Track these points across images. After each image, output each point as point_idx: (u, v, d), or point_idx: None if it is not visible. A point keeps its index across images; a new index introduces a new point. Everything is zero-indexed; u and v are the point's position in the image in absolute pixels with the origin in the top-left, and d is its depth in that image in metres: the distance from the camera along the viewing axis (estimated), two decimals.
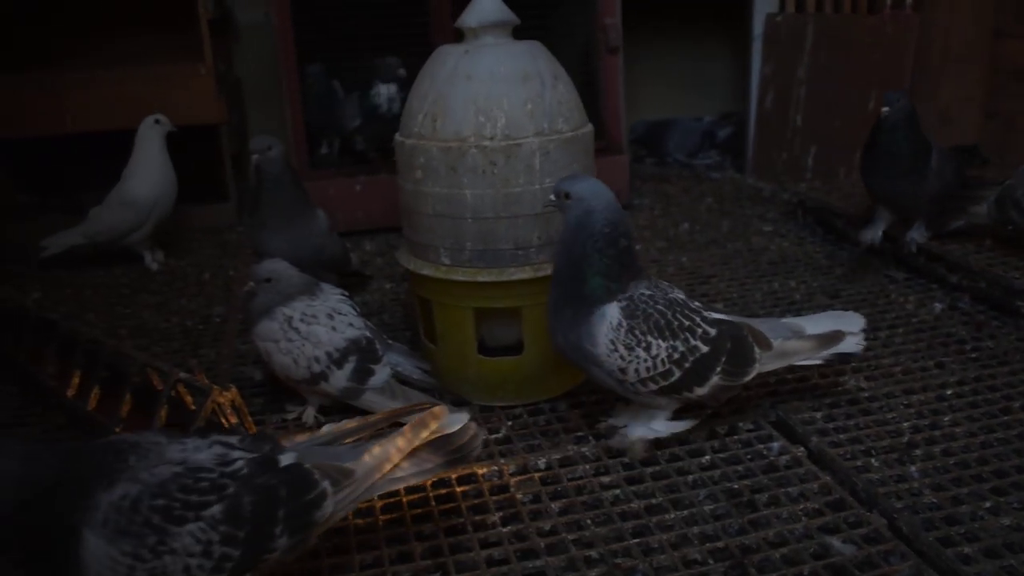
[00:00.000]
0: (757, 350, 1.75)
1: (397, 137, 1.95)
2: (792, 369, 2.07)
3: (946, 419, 1.87)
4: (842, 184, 3.44)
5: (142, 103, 3.41)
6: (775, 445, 1.79)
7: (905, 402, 1.94)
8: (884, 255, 2.83)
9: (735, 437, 1.83)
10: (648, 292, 1.69)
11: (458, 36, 1.95)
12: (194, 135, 3.36)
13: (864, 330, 1.88)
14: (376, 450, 1.36)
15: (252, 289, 1.94)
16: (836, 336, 1.83)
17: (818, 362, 1.85)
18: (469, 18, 1.90)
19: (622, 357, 1.64)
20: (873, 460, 1.72)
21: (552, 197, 1.69)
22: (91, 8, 3.78)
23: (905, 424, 1.85)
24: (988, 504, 1.58)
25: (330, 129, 3.76)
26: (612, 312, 1.64)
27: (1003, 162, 3.53)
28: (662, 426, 1.77)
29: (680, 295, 1.75)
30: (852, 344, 1.85)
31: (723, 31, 4.54)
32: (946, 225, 2.71)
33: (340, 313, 1.95)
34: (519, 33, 1.95)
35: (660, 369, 1.66)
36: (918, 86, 3.70)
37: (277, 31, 3.27)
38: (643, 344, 1.64)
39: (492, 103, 1.80)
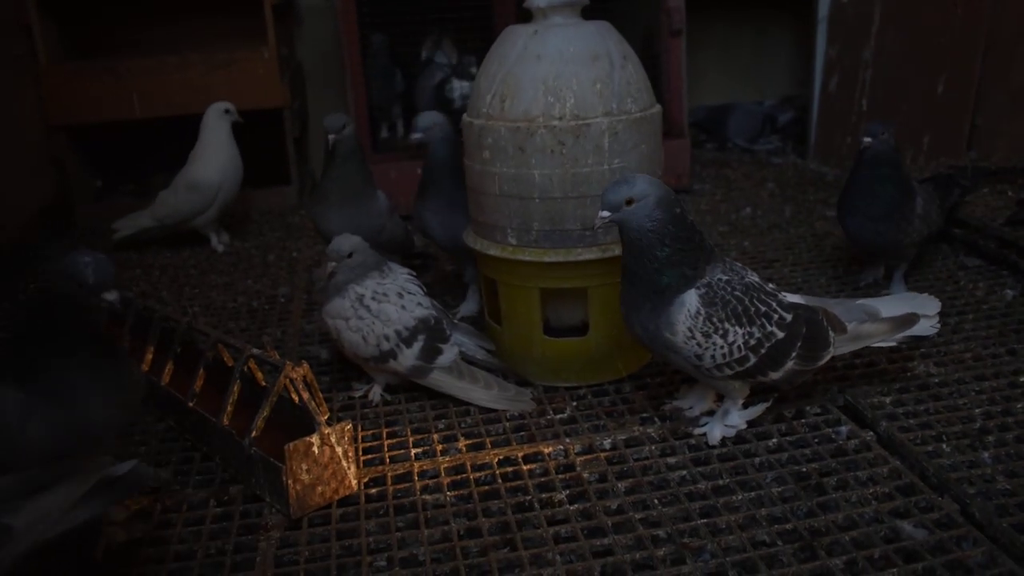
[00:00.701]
0: (832, 334, 1.74)
1: (465, 117, 1.95)
2: (860, 353, 2.04)
3: (1019, 406, 1.84)
4: (909, 169, 3.37)
5: (207, 88, 3.48)
6: (843, 429, 1.77)
7: (976, 388, 1.91)
8: (955, 241, 2.78)
9: (803, 420, 1.82)
10: (725, 277, 1.67)
11: (526, 17, 1.95)
12: (258, 119, 3.41)
13: (939, 313, 1.86)
14: None
15: (334, 268, 1.94)
16: (911, 319, 1.81)
17: (892, 344, 1.83)
18: None
19: (699, 344, 1.63)
20: (944, 445, 1.70)
21: (605, 213, 1.61)
22: None
23: (977, 410, 1.82)
24: None
25: (391, 110, 3.81)
26: (691, 300, 1.62)
27: None
28: (737, 419, 1.77)
29: (755, 278, 1.73)
30: (927, 327, 1.83)
31: (786, 15, 4.48)
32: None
33: (409, 292, 1.97)
34: (586, 14, 1.95)
35: (736, 356, 1.65)
36: (989, 69, 3.61)
37: (340, 11, 3.30)
38: (720, 331, 1.63)
39: (561, 83, 1.80)
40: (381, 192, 2.55)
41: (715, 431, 1.76)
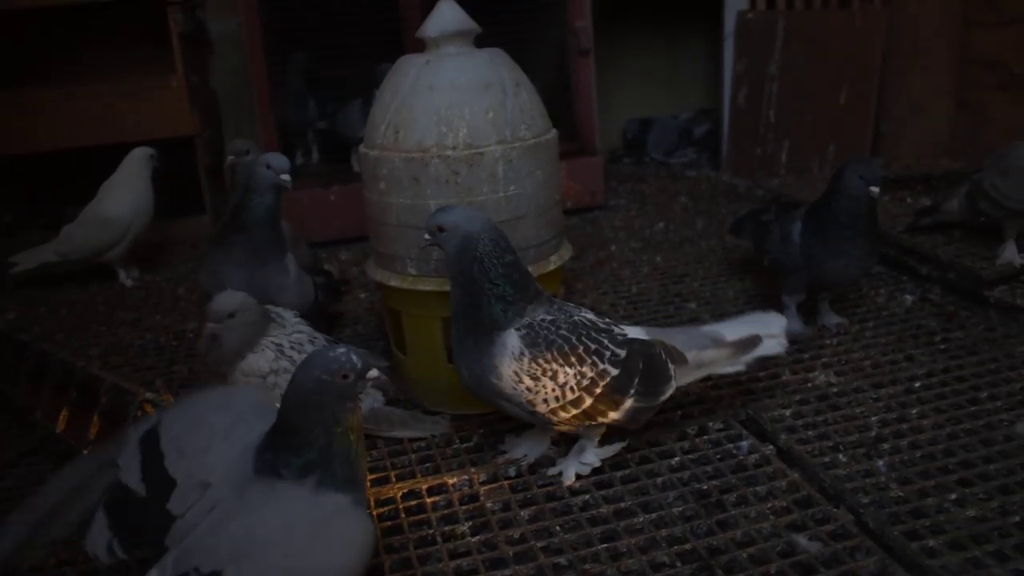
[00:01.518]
0: (672, 367, 1.70)
1: (361, 148, 1.95)
2: (765, 366, 2.08)
3: (914, 412, 1.89)
4: (815, 178, 3.47)
5: (115, 118, 3.43)
6: (744, 444, 1.80)
7: (874, 396, 1.96)
8: None
9: (705, 437, 1.84)
10: (549, 317, 1.62)
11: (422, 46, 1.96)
12: (170, 148, 3.36)
13: (785, 331, 1.84)
14: None
15: (216, 330, 1.78)
16: (753, 341, 1.78)
17: (741, 368, 1.81)
18: (430, 28, 1.90)
19: (528, 389, 1.59)
20: (841, 456, 1.73)
21: (427, 236, 1.63)
22: (65, 25, 3.77)
23: (873, 418, 1.86)
24: (954, 496, 1.59)
25: (306, 135, 3.78)
26: (512, 341, 1.58)
27: (974, 151, 3.55)
28: (592, 456, 1.73)
29: (587, 316, 1.68)
30: (772, 346, 1.81)
31: (698, 28, 4.56)
32: None
33: (316, 337, 1.92)
34: (492, 38, 1.96)
35: (570, 398, 1.60)
36: (889, 77, 3.72)
37: (245, 38, 3.27)
38: (548, 373, 1.59)
39: (454, 113, 1.81)
40: (291, 256, 2.22)
41: (570, 470, 1.71)
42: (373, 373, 1.30)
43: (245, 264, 2.11)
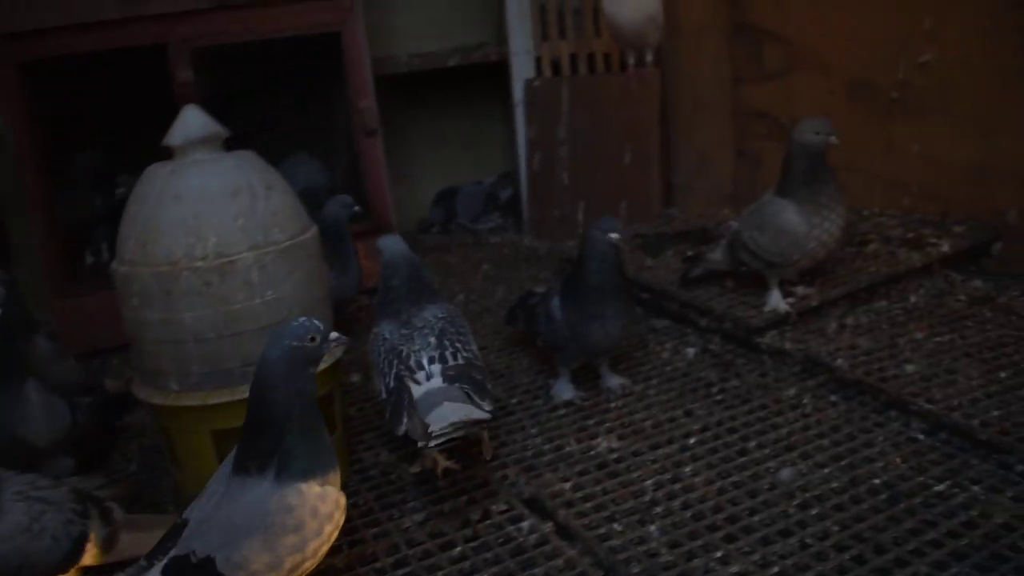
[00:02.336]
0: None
1: (112, 264, 1.89)
2: (548, 439, 2.12)
3: (687, 470, 1.95)
4: None
5: None
6: (525, 524, 1.81)
7: (651, 458, 2.02)
8: (644, 304, 2.96)
9: (488, 522, 1.84)
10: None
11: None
12: None
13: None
14: None
15: None
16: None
17: None
18: (174, 136, 1.88)
19: None
20: (616, 525, 1.77)
21: None
22: None
23: (649, 482, 1.92)
24: (719, 554, 1.66)
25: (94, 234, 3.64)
26: None
27: (753, 198, 3.76)
28: None
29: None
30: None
31: (495, 96, 4.67)
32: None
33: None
34: (282, 122, 1.94)
35: None
36: (678, 133, 3.93)
37: (16, 140, 3.13)
38: None
39: (202, 222, 1.78)
40: (34, 384, 1.94)
41: None
42: (334, 335, 1.52)
43: None
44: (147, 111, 3.24)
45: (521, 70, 4.11)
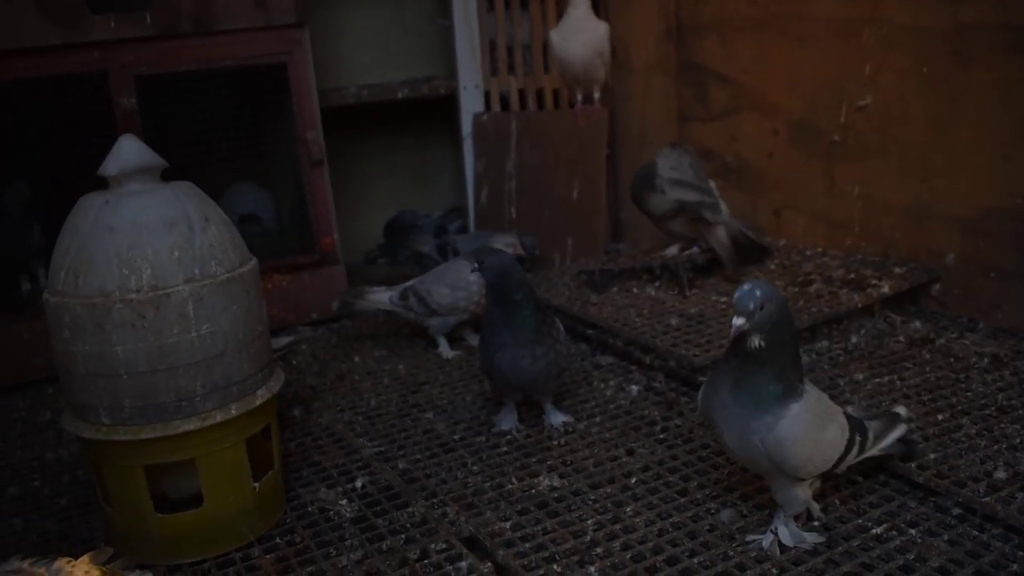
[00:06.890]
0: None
1: (44, 295, 1.84)
2: (489, 477, 2.10)
3: (628, 510, 1.94)
4: (554, 272, 3.58)
5: None
6: (464, 564, 1.78)
7: (592, 498, 2.00)
8: (590, 341, 2.96)
9: (427, 561, 1.81)
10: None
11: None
12: None
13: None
14: None
15: None
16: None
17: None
18: (110, 166, 1.83)
19: None
20: (555, 566, 1.75)
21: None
22: None
23: (589, 521, 1.90)
24: None
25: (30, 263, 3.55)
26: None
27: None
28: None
29: None
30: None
31: (443, 130, 4.68)
32: None
33: None
34: (228, 152, 1.90)
35: None
36: (624, 168, 3.97)
37: None
38: None
39: (136, 254, 1.74)
40: None
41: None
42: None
43: None
44: (87, 139, 3.20)
45: (470, 104, 4.13)
